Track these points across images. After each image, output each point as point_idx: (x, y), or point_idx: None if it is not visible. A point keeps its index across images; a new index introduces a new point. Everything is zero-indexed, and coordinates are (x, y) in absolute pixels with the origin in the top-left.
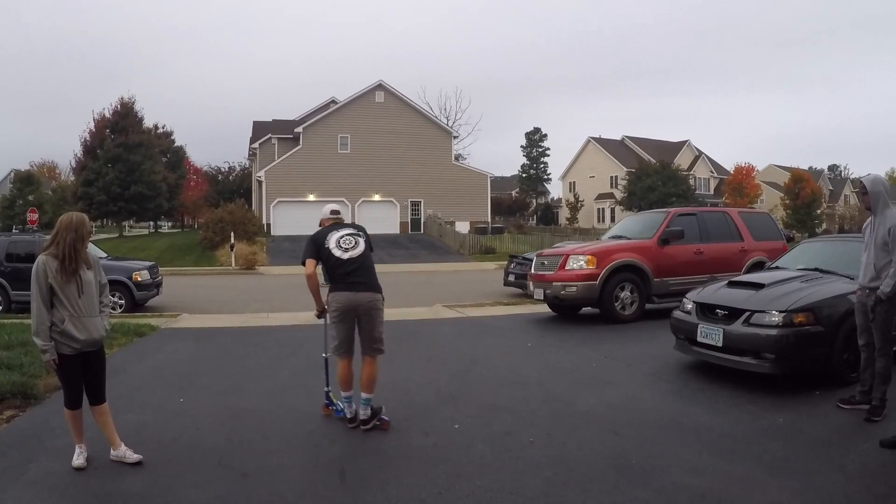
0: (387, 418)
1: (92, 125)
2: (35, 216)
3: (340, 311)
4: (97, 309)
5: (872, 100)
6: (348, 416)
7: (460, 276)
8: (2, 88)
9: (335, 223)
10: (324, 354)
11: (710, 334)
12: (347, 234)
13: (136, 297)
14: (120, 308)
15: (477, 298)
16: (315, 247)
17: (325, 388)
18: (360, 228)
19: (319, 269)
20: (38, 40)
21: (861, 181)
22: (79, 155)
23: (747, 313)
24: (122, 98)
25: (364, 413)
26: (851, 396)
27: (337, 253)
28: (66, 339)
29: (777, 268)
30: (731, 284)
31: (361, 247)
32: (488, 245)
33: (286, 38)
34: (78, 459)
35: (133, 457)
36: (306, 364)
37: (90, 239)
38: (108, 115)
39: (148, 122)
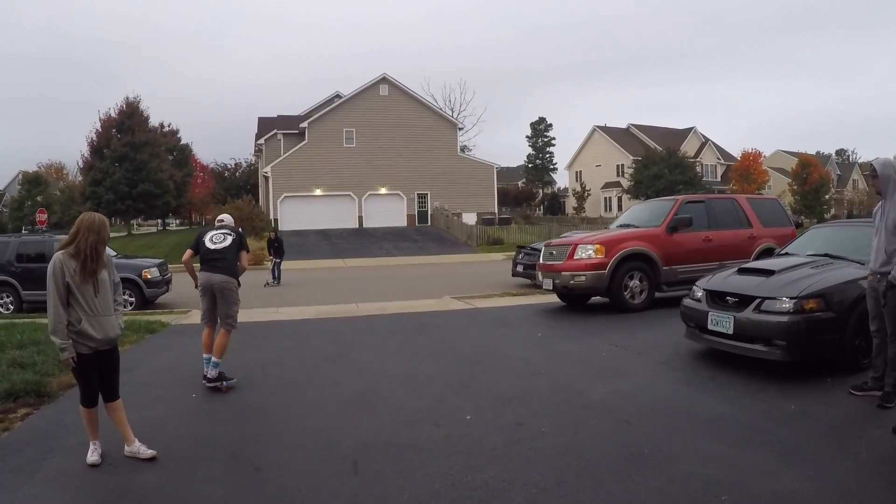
0: (227, 384)
1: (98, 125)
2: (44, 217)
3: (202, 286)
4: (112, 308)
5: (880, 83)
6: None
7: (468, 268)
8: (7, 92)
9: (218, 227)
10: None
11: (721, 322)
12: (219, 233)
13: (146, 295)
14: (130, 306)
15: (485, 290)
16: (196, 241)
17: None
18: (234, 231)
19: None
20: (41, 44)
21: (871, 165)
22: (86, 155)
23: (758, 300)
24: (127, 98)
25: (211, 373)
26: (864, 383)
27: (209, 245)
28: (82, 338)
29: (787, 254)
30: (741, 271)
31: (227, 243)
32: (496, 236)
33: (289, 34)
34: (92, 456)
35: (147, 452)
36: (316, 358)
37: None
38: (113, 114)
39: (154, 121)
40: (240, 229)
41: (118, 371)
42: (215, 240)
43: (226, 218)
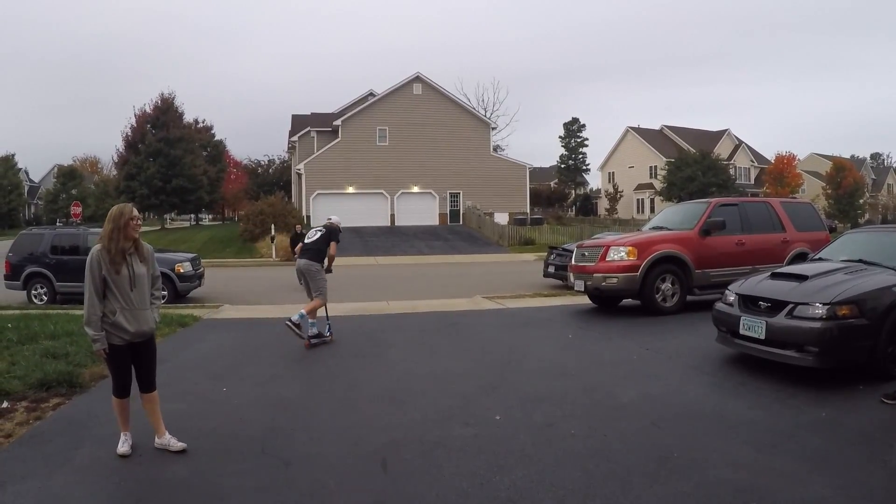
0: (314, 341)
1: (133, 121)
2: (78, 210)
3: (296, 269)
4: (148, 302)
5: None
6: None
7: (500, 268)
8: (44, 87)
9: (321, 225)
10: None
11: (753, 327)
12: (314, 230)
13: (178, 289)
14: (162, 300)
15: (517, 290)
16: (303, 238)
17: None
18: (327, 228)
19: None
20: (78, 41)
21: None
22: (121, 150)
23: (790, 305)
24: (162, 94)
25: (311, 331)
26: None
27: (306, 240)
28: (116, 330)
29: (820, 259)
30: (774, 276)
31: (317, 237)
32: (527, 236)
33: (324, 32)
34: (123, 447)
35: (177, 445)
36: (346, 353)
37: (139, 229)
38: (148, 110)
39: (188, 117)
40: (336, 227)
41: (154, 363)
42: (310, 236)
43: (333, 217)
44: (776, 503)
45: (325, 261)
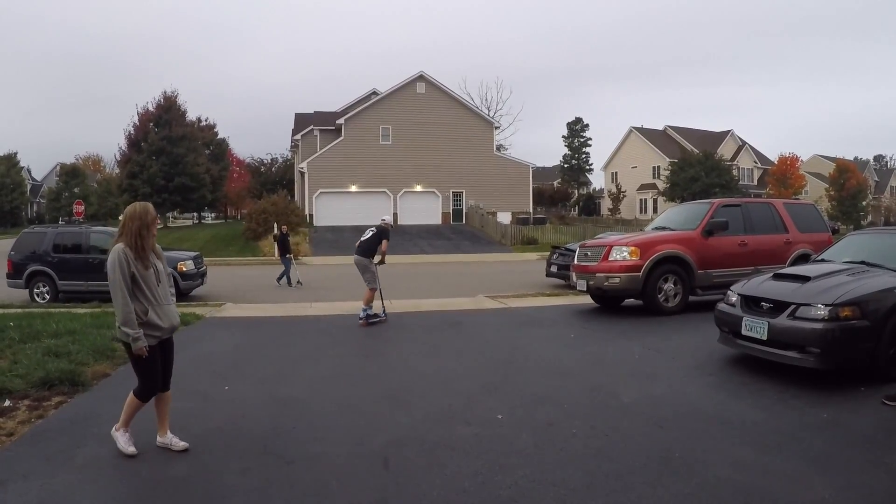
0: (371, 321)
1: (136, 119)
2: (81, 208)
3: (354, 262)
4: (170, 297)
5: None
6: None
7: (502, 267)
8: (47, 85)
9: (375, 226)
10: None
11: (755, 327)
12: (368, 230)
13: (181, 287)
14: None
15: (519, 289)
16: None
17: (376, 309)
18: (378, 228)
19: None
20: (80, 39)
21: None
22: (123, 148)
23: (793, 306)
24: (165, 92)
25: (361, 315)
26: None
27: (362, 237)
28: (150, 329)
29: (823, 260)
30: (777, 277)
31: (368, 236)
32: (530, 236)
33: (327, 30)
34: (127, 446)
35: (179, 444)
36: (349, 353)
37: (157, 228)
38: (151, 108)
39: (191, 116)
40: (387, 226)
41: (173, 360)
42: (364, 235)
43: (386, 217)
44: None
45: (378, 256)
